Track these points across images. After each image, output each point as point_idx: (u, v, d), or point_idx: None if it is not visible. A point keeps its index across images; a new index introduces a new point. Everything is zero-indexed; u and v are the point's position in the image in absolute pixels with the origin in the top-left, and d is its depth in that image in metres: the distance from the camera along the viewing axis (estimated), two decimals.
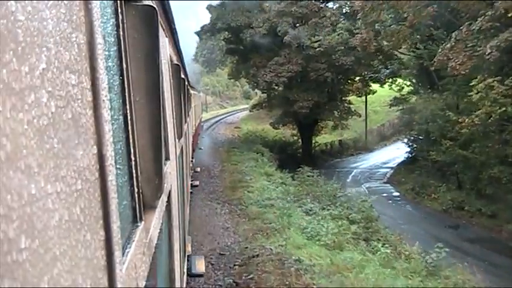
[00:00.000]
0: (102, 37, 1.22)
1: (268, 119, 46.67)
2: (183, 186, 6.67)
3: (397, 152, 39.16)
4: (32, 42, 0.73)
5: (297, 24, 34.01)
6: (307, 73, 33.30)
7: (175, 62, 5.85)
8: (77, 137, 0.93)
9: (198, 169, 21.77)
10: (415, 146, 33.41)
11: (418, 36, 28.65)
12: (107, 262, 1.10)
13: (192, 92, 16.03)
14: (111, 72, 1.54)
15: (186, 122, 8.88)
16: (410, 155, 34.56)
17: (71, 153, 0.88)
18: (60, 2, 0.89)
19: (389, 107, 39.50)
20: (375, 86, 39.91)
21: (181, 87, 7.21)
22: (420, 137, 31.67)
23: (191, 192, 14.33)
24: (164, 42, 3.72)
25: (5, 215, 0.60)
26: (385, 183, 32.81)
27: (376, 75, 36.83)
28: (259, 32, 32.93)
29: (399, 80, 37.65)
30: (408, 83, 36.92)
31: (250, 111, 47.28)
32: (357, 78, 38.02)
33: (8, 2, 0.66)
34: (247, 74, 38.66)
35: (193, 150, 19.20)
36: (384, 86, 38.84)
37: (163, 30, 3.71)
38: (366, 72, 36.45)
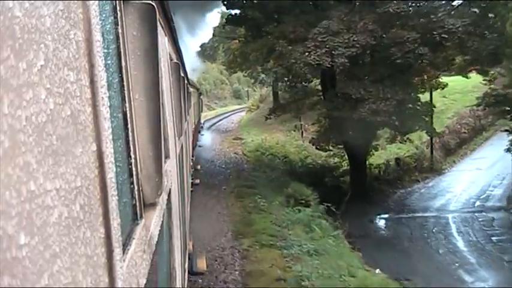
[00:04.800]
0: (101, 35, 1.22)
1: (277, 124, 33.61)
2: (183, 184, 6.68)
3: (482, 175, 26.51)
4: (29, 39, 0.73)
5: None
6: (383, 49, 18.89)
7: (175, 60, 5.85)
8: (75, 134, 0.93)
9: (199, 167, 21.67)
10: None
11: None
12: (107, 259, 1.10)
13: (191, 89, 16.07)
14: (110, 69, 1.54)
15: (186, 120, 8.89)
16: None
17: (70, 150, 0.88)
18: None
19: (484, 108, 26.04)
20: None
21: (181, 85, 7.22)
22: None
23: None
24: (163, 40, 3.72)
25: (4, 212, 0.60)
26: None
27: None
28: None
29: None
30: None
31: (266, 118, 26.65)
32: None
33: (5, 0, 0.66)
34: (262, 56, 23.11)
35: (193, 148, 19.22)
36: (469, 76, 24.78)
37: (163, 28, 3.71)
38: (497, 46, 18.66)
